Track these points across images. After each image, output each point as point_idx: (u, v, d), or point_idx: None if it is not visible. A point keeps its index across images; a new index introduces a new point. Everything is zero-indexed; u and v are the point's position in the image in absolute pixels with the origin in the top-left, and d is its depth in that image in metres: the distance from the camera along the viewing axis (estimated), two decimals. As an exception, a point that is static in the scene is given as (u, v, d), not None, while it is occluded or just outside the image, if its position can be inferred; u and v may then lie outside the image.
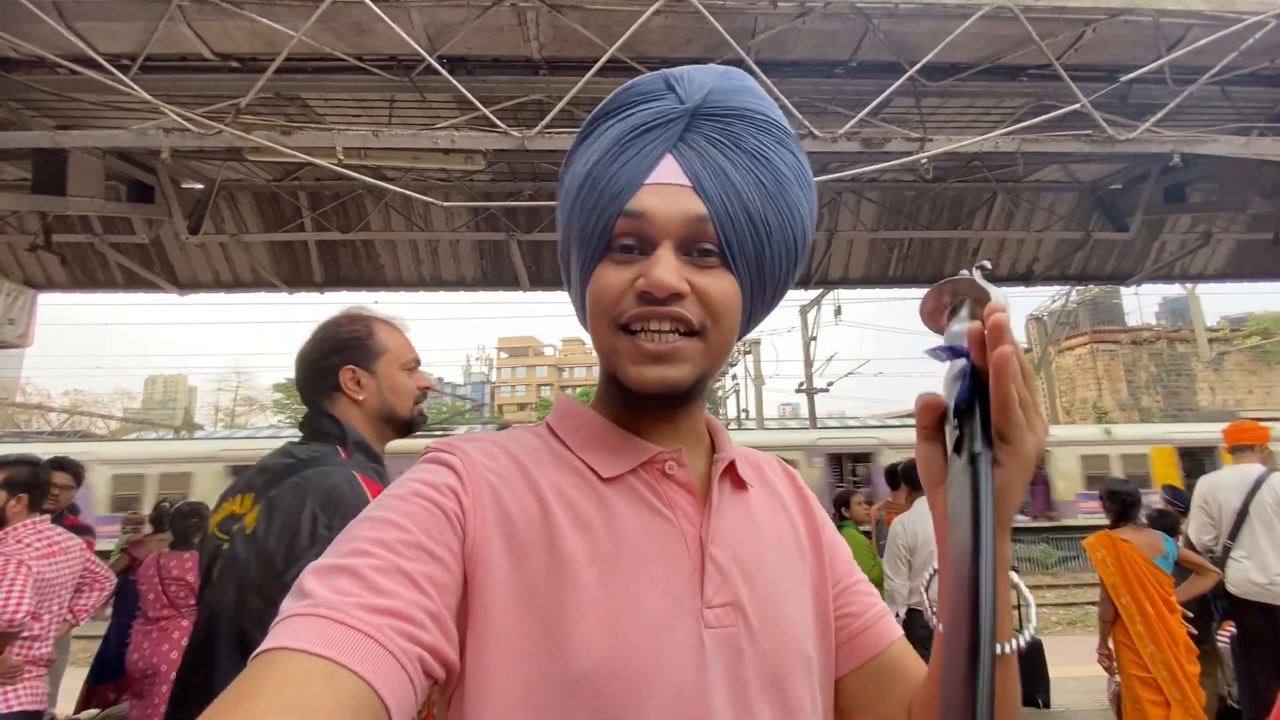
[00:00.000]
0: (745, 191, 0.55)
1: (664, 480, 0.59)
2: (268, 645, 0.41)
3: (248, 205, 6.44)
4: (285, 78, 4.19)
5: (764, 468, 0.71)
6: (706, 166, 0.55)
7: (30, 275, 6.76)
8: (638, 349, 0.55)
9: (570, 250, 0.62)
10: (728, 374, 24.50)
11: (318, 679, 0.40)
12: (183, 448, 14.45)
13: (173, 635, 3.32)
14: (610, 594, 0.52)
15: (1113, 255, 7.41)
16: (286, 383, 40.93)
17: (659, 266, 0.54)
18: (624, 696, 0.49)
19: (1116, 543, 3.32)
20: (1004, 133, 4.18)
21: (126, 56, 3.99)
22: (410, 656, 0.44)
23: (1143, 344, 26.37)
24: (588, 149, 0.60)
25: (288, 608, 0.44)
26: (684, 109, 0.56)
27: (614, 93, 0.61)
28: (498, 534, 0.53)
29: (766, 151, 0.57)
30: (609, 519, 0.56)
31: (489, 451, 0.58)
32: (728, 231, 0.55)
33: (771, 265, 0.59)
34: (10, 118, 4.67)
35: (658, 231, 0.55)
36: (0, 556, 2.40)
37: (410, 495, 0.52)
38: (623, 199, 0.55)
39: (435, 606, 0.47)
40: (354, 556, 0.47)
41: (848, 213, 6.70)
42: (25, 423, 32.21)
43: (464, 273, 7.14)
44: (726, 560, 0.57)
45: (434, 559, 0.49)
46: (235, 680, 0.40)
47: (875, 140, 4.18)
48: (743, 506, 0.63)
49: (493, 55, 4.23)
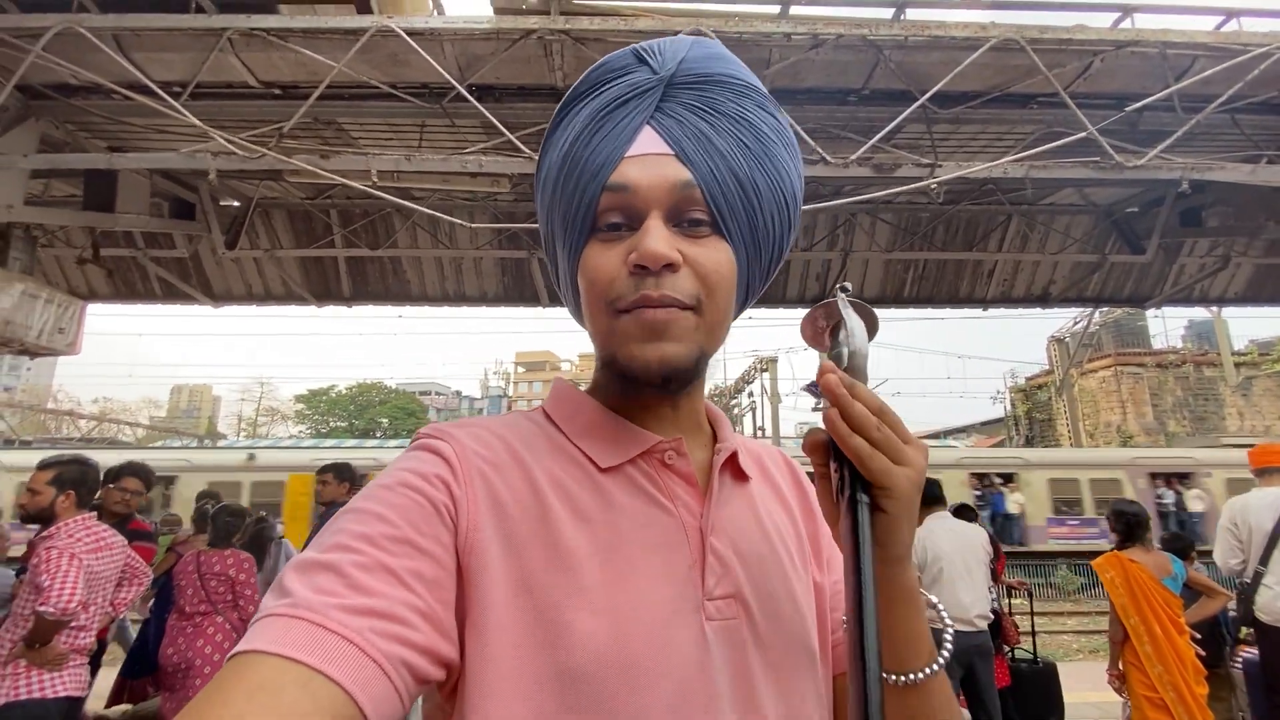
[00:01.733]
0: (730, 154, 0.54)
1: (663, 470, 0.58)
2: (243, 647, 0.40)
3: (281, 222, 6.72)
4: (323, 104, 4.43)
5: (766, 460, 0.70)
6: (688, 133, 0.53)
7: (76, 287, 7.10)
8: (635, 322, 0.53)
9: (554, 239, 0.61)
10: (744, 391, 24.48)
11: (292, 685, 0.38)
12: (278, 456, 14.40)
13: (207, 631, 3.43)
14: (610, 585, 0.51)
15: (1130, 278, 7.42)
16: (308, 394, 41.69)
17: (649, 237, 0.51)
18: (626, 688, 0.48)
19: (1125, 563, 3.35)
20: (1013, 159, 4.28)
21: (178, 84, 4.26)
22: (394, 660, 0.42)
23: (1168, 367, 25.87)
24: (562, 133, 0.58)
25: (267, 605, 0.43)
26: (658, 78, 0.54)
27: (584, 73, 0.59)
28: (492, 525, 0.51)
29: (747, 114, 0.56)
30: (607, 510, 0.54)
31: (482, 438, 0.56)
32: (716, 196, 0.53)
33: (765, 229, 0.57)
34: (66, 139, 4.98)
35: (644, 203, 0.53)
36: (54, 550, 2.56)
37: (398, 486, 0.50)
38: (604, 174, 0.53)
39: (425, 604, 0.45)
40: (336, 552, 0.45)
41: (862, 234, 6.81)
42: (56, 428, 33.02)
43: (486, 289, 7.35)
44: (727, 552, 0.56)
45: (422, 553, 0.47)
46: (209, 684, 0.39)
47: (886, 166, 4.30)
48: (744, 498, 0.62)
49: (519, 84, 4.44)
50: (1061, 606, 12.43)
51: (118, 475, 3.70)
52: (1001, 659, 4.53)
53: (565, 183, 0.56)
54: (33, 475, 2.75)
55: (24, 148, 4.48)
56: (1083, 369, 26.14)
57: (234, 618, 3.53)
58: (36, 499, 2.67)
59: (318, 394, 41.66)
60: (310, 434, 37.58)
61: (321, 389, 41.96)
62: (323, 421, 40.64)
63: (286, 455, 13.95)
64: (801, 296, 7.48)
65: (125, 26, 3.78)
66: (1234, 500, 3.75)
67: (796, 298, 7.48)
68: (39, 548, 2.63)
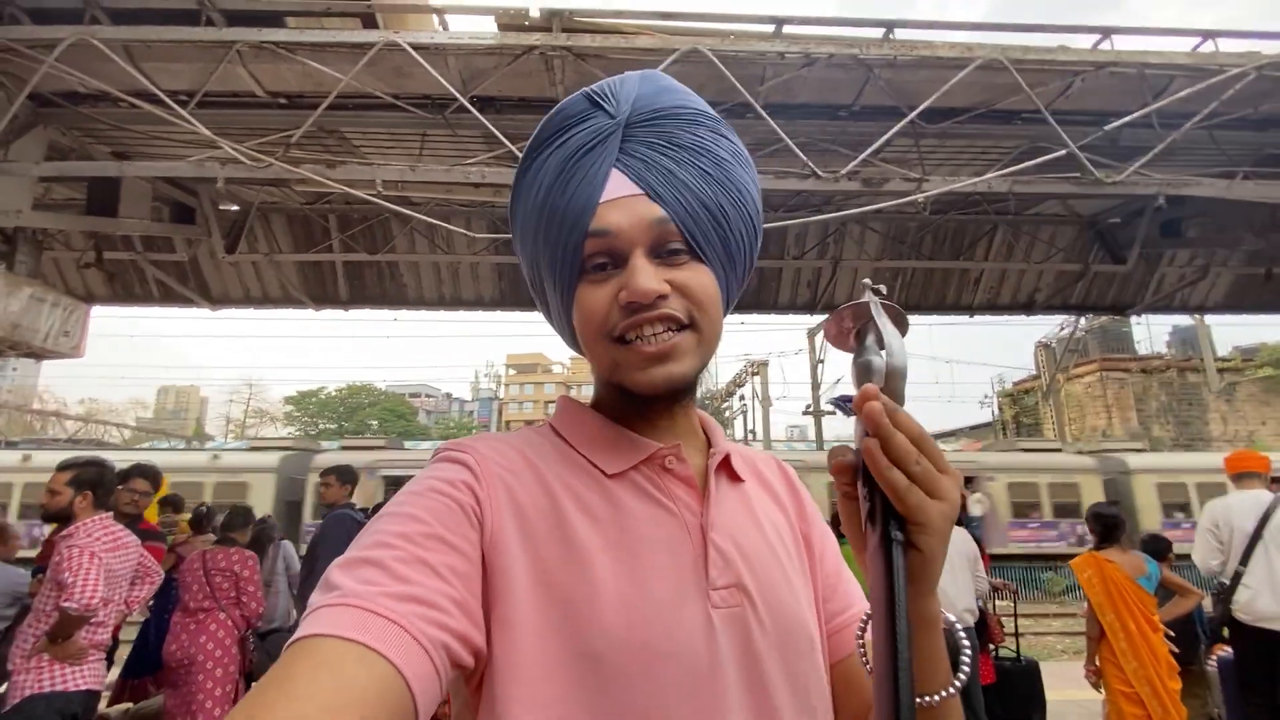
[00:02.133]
0: (695, 185, 0.58)
1: (664, 474, 0.62)
2: (301, 634, 0.43)
3: (281, 226, 6.79)
4: (328, 114, 4.53)
5: (759, 464, 0.74)
6: (653, 171, 0.58)
7: (74, 289, 7.13)
8: (638, 354, 0.58)
9: (542, 280, 0.65)
10: (735, 395, 24.61)
11: (351, 661, 0.41)
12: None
13: (209, 627, 3.52)
14: (621, 578, 0.55)
15: (1113, 286, 7.60)
16: (298, 395, 41.49)
17: (637, 275, 0.56)
18: (641, 670, 0.52)
19: (1101, 563, 3.49)
20: (997, 175, 4.44)
21: (184, 93, 4.35)
22: (435, 644, 0.45)
23: (1153, 373, 26.26)
24: (533, 181, 0.62)
25: (315, 601, 0.46)
26: (615, 123, 0.59)
27: (542, 121, 0.63)
28: (513, 525, 0.56)
29: (703, 143, 0.60)
30: (616, 510, 0.59)
31: (499, 449, 0.61)
32: (689, 226, 0.58)
33: (736, 246, 0.62)
34: (72, 145, 5.04)
35: (626, 243, 0.57)
36: (75, 548, 2.65)
37: (427, 491, 0.55)
38: (584, 221, 0.57)
39: (459, 594, 0.49)
40: (377, 549, 0.49)
41: (852, 243, 6.97)
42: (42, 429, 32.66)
43: (483, 293, 7.43)
44: (728, 546, 0.60)
45: (454, 550, 0.51)
46: (273, 667, 0.42)
47: (875, 180, 4.45)
48: (740, 498, 0.66)
49: (520, 96, 4.55)
50: (1047, 608, 12.63)
51: (126, 476, 3.77)
52: (986, 656, 4.67)
53: (548, 230, 0.60)
54: (52, 476, 2.84)
55: (33, 155, 4.55)
56: (1069, 374, 26.49)
57: (236, 615, 3.61)
58: (56, 499, 2.76)
59: (307, 395, 41.46)
60: (300, 435, 37.38)
61: (311, 390, 41.76)
62: (312, 423, 40.43)
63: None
64: (792, 303, 7.62)
65: (137, 39, 3.87)
66: (1214, 503, 3.84)
67: (788, 304, 7.63)
68: (59, 546, 2.71)
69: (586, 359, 0.64)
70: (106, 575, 2.70)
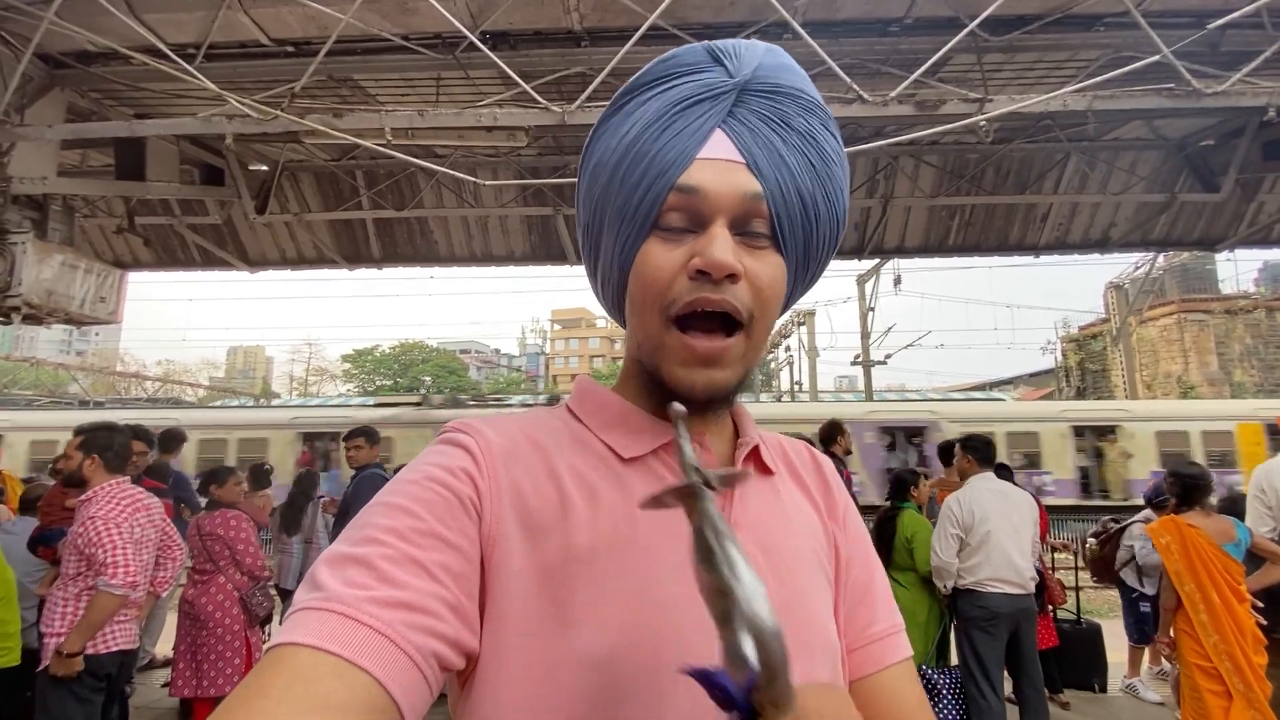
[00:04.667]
0: (797, 170, 0.54)
1: None
2: (279, 640, 0.42)
3: (309, 185, 6.72)
4: (337, 60, 4.32)
5: (790, 454, 0.69)
6: (759, 143, 0.53)
7: (119, 256, 7.30)
8: (687, 348, 0.53)
9: (602, 230, 0.59)
10: (781, 346, 24.10)
11: (327, 676, 0.39)
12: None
13: (210, 590, 3.65)
14: (627, 577, 0.51)
15: (1201, 218, 6.85)
16: (354, 354, 42.94)
17: (716, 245, 0.51)
18: (641, 679, 0.48)
19: (1182, 528, 3.15)
20: (1074, 90, 3.89)
21: (191, 46, 4.19)
22: (424, 652, 0.43)
23: (1237, 313, 24.33)
24: (624, 122, 0.57)
25: (300, 599, 0.44)
26: (734, 83, 0.54)
27: (651, 64, 0.58)
28: (513, 517, 0.52)
29: (815, 132, 0.56)
30: (627, 502, 0.54)
31: (506, 432, 0.57)
32: (780, 211, 0.54)
33: (817, 247, 0.58)
34: (92, 108, 5.00)
35: (711, 208, 0.52)
36: (95, 520, 2.65)
37: (424, 480, 0.51)
38: (674, 173, 0.53)
39: (452, 595, 0.47)
40: (366, 545, 0.46)
41: (904, 178, 6.42)
42: (124, 390, 34.91)
43: (513, 247, 7.27)
44: (751, 548, 0.54)
45: (449, 546, 0.48)
46: (247, 676, 0.41)
47: (930, 103, 3.97)
48: (769, 492, 0.62)
49: (535, 29, 4.22)
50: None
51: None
52: (1046, 618, 4.42)
53: (629, 174, 0.55)
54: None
55: (51, 118, 4.52)
56: (1142, 317, 24.82)
57: (235, 576, 3.69)
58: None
59: (363, 354, 42.86)
60: (358, 392, 38.82)
61: (366, 349, 43.13)
62: (369, 380, 41.90)
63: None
64: (840, 247, 7.13)
65: (132, -14, 3.70)
66: (1261, 467, 3.59)
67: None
68: (79, 514, 2.73)
69: (627, 324, 0.60)
70: (134, 543, 2.71)
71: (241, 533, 3.72)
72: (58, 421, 13.19)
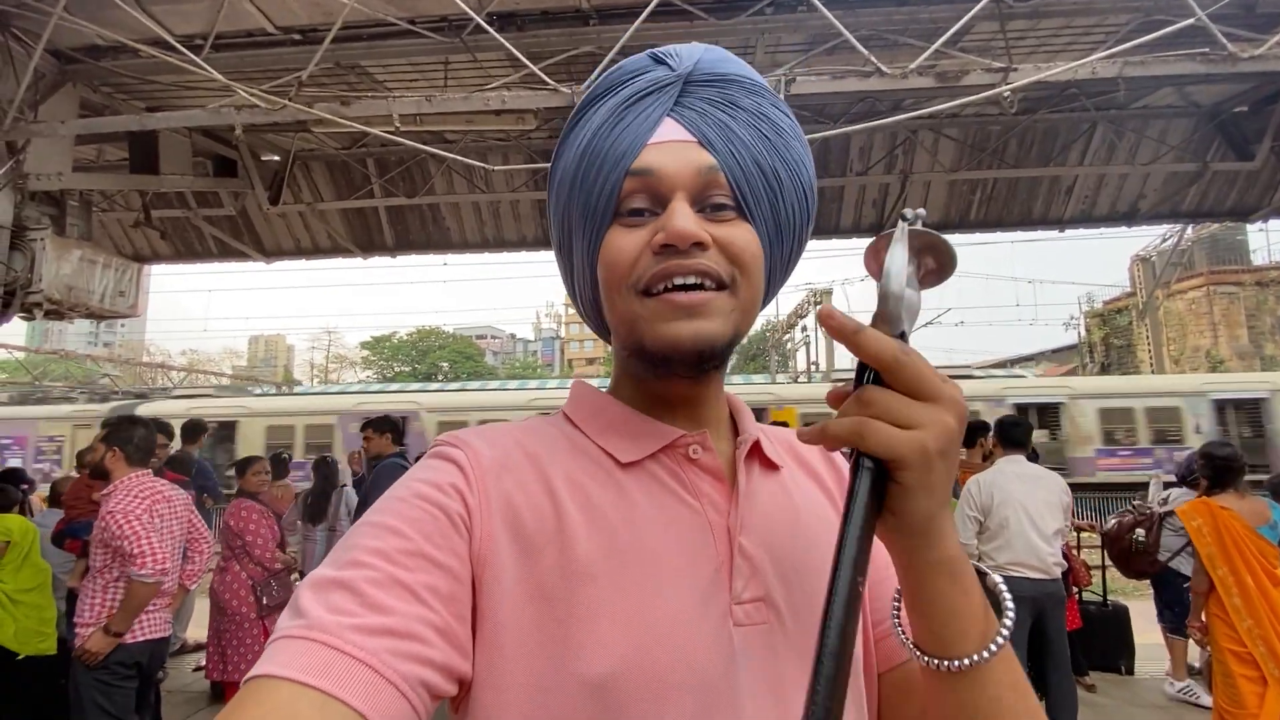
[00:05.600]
0: (751, 142, 0.54)
1: (688, 465, 0.56)
2: (258, 671, 0.40)
3: (321, 174, 6.71)
4: (344, 47, 4.27)
5: (794, 445, 0.67)
6: (708, 121, 0.54)
7: (139, 250, 7.39)
8: (666, 304, 0.52)
9: (570, 233, 0.59)
10: (797, 326, 23.88)
11: (307, 710, 0.38)
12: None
13: (225, 577, 3.75)
14: (628, 591, 0.49)
15: (1234, 188, 6.59)
16: (373, 341, 43.37)
17: (676, 217, 0.51)
18: (647, 699, 0.46)
19: (1215, 510, 3.07)
20: (1103, 56, 3.73)
21: (199, 37, 4.17)
22: (411, 681, 0.42)
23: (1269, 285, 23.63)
24: (579, 132, 0.57)
25: (282, 626, 0.43)
26: (677, 75, 0.55)
27: (600, 76, 0.59)
28: (506, 533, 0.51)
29: (763, 110, 0.56)
30: (627, 510, 0.53)
31: (498, 444, 0.56)
32: (739, 179, 0.53)
33: (787, 217, 0.57)
34: (104, 102, 5.01)
35: (668, 186, 0.52)
36: (115, 514, 2.69)
37: (412, 498, 0.50)
38: (627, 160, 0.53)
39: (440, 619, 0.45)
40: (351, 568, 0.45)
41: (924, 153, 6.24)
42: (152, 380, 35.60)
43: (525, 232, 7.22)
44: (757, 551, 0.54)
45: (437, 566, 0.47)
46: (225, 708, 0.40)
47: (951, 73, 3.82)
48: (776, 490, 0.59)
49: (541, 9, 4.13)
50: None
51: None
52: (1072, 600, 4.35)
53: (586, 173, 0.55)
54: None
55: (65, 114, 4.53)
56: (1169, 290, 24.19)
57: (248, 565, 3.77)
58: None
59: (381, 340, 43.26)
60: (376, 379, 39.25)
61: (384, 335, 43.52)
62: (387, 367, 42.32)
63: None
64: (856, 225, 7.02)
65: (137, -23, 3.67)
66: None
67: (851, 226, 7.03)
68: (101, 508, 2.77)
69: (607, 321, 0.59)
70: (156, 531, 2.75)
71: (250, 524, 3.78)
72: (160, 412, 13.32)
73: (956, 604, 0.45)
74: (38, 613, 3.43)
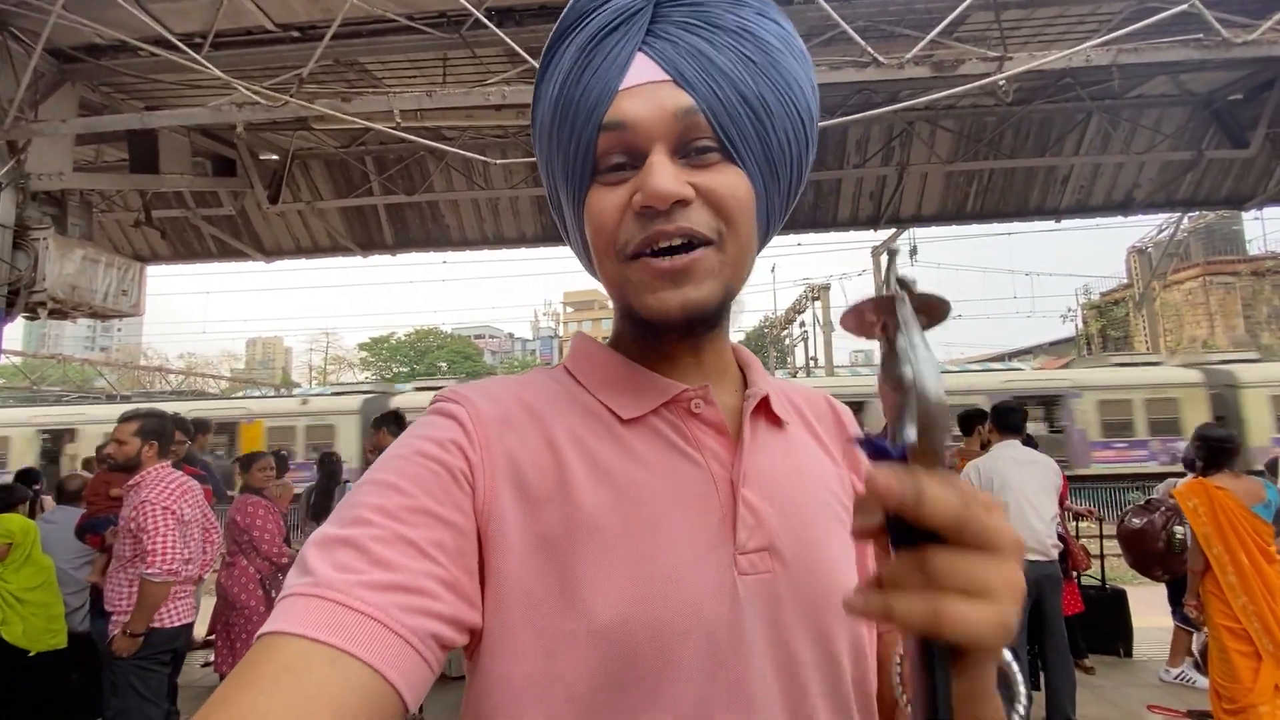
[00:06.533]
0: (732, 71, 0.49)
1: (690, 419, 0.55)
2: (268, 628, 0.41)
3: (320, 173, 6.73)
4: (343, 44, 4.28)
5: (804, 405, 0.66)
6: (683, 53, 0.49)
7: (138, 250, 7.40)
8: (651, 270, 0.50)
9: (558, 191, 0.57)
10: (795, 322, 23.92)
11: (319, 665, 0.38)
12: None
13: (234, 573, 3.79)
14: (633, 542, 0.49)
15: (1229, 176, 6.64)
16: (371, 342, 43.34)
17: (654, 175, 0.48)
18: (653, 648, 0.47)
19: (1211, 491, 3.12)
20: (1098, 44, 3.76)
21: (198, 35, 4.19)
22: (420, 634, 0.42)
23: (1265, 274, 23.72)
24: (550, 77, 0.54)
25: (290, 584, 0.43)
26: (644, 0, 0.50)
27: (567, 7, 0.54)
28: (509, 487, 0.50)
29: (747, 24, 0.50)
30: (630, 464, 0.52)
31: (498, 399, 0.55)
32: (722, 118, 0.49)
33: (780, 150, 0.52)
34: (104, 102, 5.03)
35: (644, 138, 0.49)
36: (148, 505, 2.77)
37: (413, 455, 0.49)
38: (599, 112, 0.49)
39: (447, 573, 0.45)
40: (355, 526, 0.45)
41: (921, 145, 6.28)
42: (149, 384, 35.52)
43: (524, 229, 7.24)
44: (761, 503, 0.53)
45: (441, 522, 0.47)
46: (237, 666, 0.40)
47: (948, 63, 3.86)
48: (779, 445, 0.59)
49: (540, 3, 4.16)
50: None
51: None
52: (1071, 584, 4.40)
53: (560, 129, 0.52)
54: (118, 427, 2.94)
55: (65, 113, 4.55)
56: (1165, 280, 24.28)
57: (255, 560, 3.81)
58: (124, 449, 2.88)
59: (379, 341, 43.23)
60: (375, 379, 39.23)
61: (382, 336, 43.49)
62: (385, 367, 42.30)
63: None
64: (854, 217, 7.05)
65: (136, -24, 3.69)
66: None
67: (848, 219, 7.06)
68: (130, 497, 2.84)
69: (600, 279, 0.56)
70: (181, 525, 2.83)
71: (257, 519, 3.81)
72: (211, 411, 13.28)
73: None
74: (45, 610, 3.47)
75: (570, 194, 0.54)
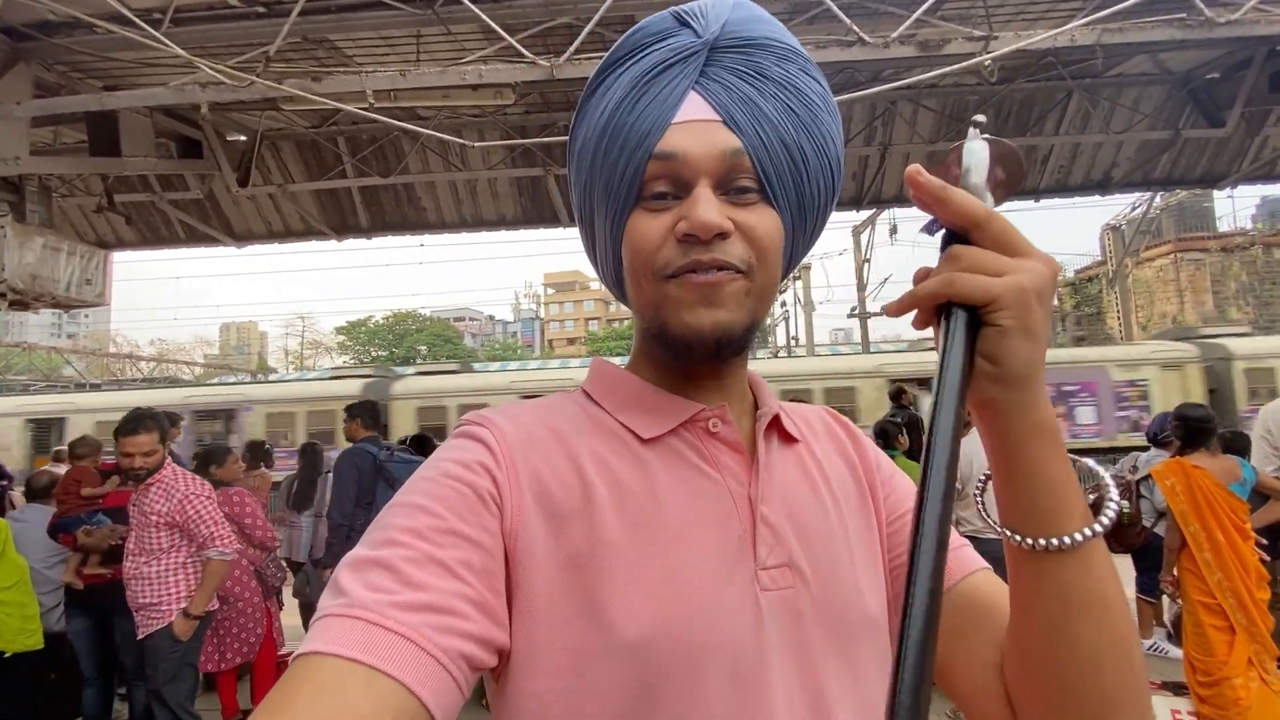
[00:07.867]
0: (778, 120, 0.53)
1: (708, 439, 0.57)
2: (304, 649, 0.42)
3: (290, 154, 6.51)
4: (311, 20, 4.11)
5: (811, 419, 0.69)
6: (734, 98, 0.52)
7: (102, 236, 7.13)
8: (689, 287, 0.52)
9: (593, 211, 0.59)
10: (777, 301, 24.00)
11: (355, 686, 0.39)
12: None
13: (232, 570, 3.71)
14: (655, 560, 0.51)
15: (1205, 155, 6.72)
16: (348, 326, 42.69)
17: (700, 206, 0.51)
18: (678, 664, 0.48)
19: (1188, 470, 3.17)
20: (1082, 23, 3.74)
21: (157, 10, 3.98)
22: (451, 654, 0.43)
23: (1234, 251, 24.26)
24: (601, 100, 0.56)
25: (324, 605, 0.44)
26: (702, 42, 0.53)
27: (622, 38, 0.58)
28: (535, 507, 0.52)
29: (793, 79, 0.54)
30: (651, 483, 0.54)
31: (522, 421, 0.57)
32: (765, 163, 0.53)
33: (811, 196, 0.57)
34: (60, 82, 4.79)
35: (692, 171, 0.52)
36: (194, 496, 2.93)
37: (441, 477, 0.51)
38: (650, 141, 0.52)
39: (476, 593, 0.46)
40: (387, 548, 0.46)
41: (903, 124, 6.25)
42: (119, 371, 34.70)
43: (504, 211, 7.11)
44: (779, 519, 0.55)
45: (470, 543, 0.48)
46: (273, 688, 0.41)
47: (933, 43, 3.82)
48: (794, 461, 0.61)
49: (517, -23, 4.02)
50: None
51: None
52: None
53: (608, 151, 0.55)
54: (133, 440, 2.89)
55: (19, 95, 4.32)
56: (1139, 258, 24.73)
57: (248, 550, 3.80)
58: (153, 458, 2.93)
59: (356, 325, 42.60)
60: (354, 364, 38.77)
61: (360, 320, 42.85)
62: (364, 351, 41.76)
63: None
64: (838, 197, 7.01)
65: (88, -53, 3.49)
66: (1266, 407, 3.62)
67: (831, 200, 7.02)
68: (153, 493, 2.91)
69: (629, 302, 0.60)
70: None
71: (247, 508, 3.76)
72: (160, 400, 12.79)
73: (1059, 473, 0.44)
74: (19, 610, 3.38)
75: (609, 214, 0.56)
